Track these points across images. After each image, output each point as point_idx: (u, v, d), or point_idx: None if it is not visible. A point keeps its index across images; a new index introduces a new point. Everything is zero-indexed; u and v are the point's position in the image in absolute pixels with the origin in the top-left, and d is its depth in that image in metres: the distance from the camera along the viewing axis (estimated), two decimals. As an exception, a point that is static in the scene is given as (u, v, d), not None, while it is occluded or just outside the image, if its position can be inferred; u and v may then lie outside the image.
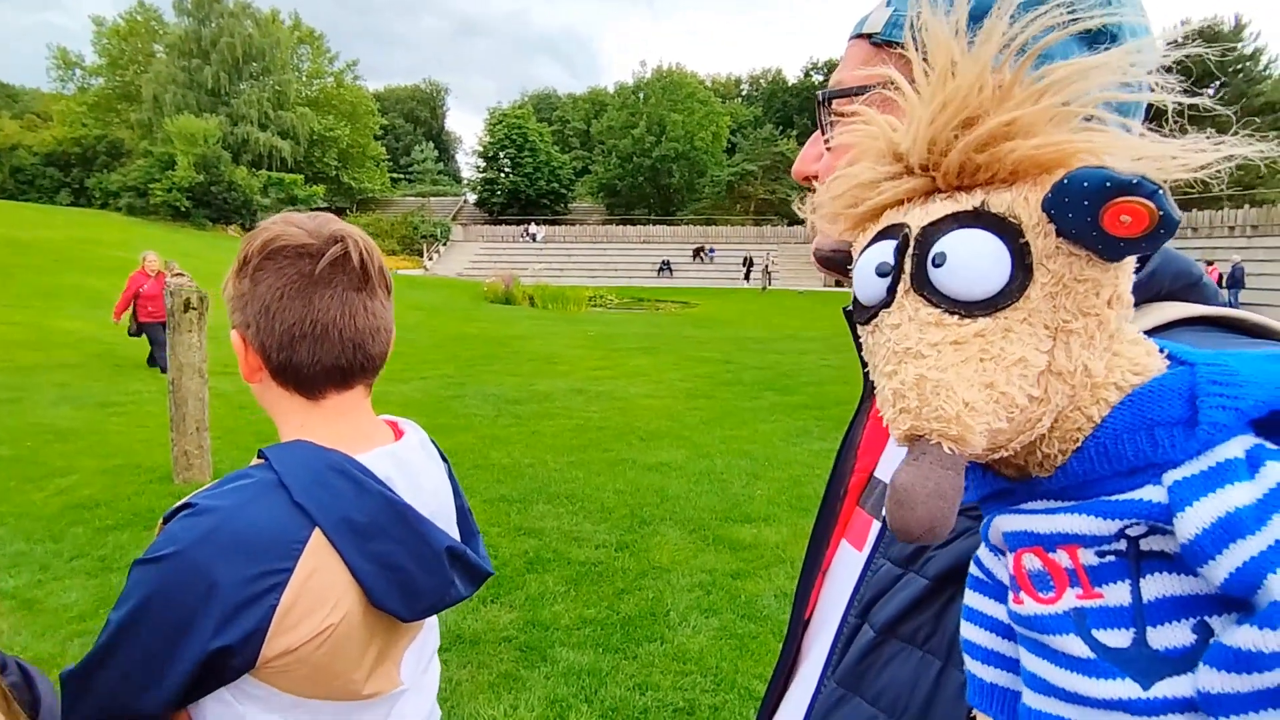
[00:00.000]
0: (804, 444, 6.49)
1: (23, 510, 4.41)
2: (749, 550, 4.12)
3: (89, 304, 14.38)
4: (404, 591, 0.83)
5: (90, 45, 49.69)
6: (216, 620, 0.73)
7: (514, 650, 3.05)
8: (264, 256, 0.84)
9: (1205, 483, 0.32)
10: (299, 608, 0.77)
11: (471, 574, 0.93)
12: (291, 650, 0.77)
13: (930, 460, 0.34)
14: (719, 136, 51.02)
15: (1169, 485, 0.33)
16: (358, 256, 0.86)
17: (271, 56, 48.27)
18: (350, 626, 0.81)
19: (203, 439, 5.12)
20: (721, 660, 3.00)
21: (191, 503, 0.79)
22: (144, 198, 38.73)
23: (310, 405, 0.87)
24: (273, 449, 0.84)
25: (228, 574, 0.74)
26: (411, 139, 70.19)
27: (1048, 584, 0.37)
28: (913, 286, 0.36)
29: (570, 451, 6.11)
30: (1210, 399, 0.33)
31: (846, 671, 0.56)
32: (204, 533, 0.75)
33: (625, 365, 10.90)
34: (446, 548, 0.87)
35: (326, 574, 0.79)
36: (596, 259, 38.43)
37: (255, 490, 0.80)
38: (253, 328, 0.85)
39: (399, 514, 0.83)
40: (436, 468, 0.97)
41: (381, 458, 0.87)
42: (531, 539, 4.20)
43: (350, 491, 0.81)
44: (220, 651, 0.74)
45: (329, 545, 0.79)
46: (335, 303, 0.84)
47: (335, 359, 0.85)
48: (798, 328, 17.00)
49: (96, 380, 8.45)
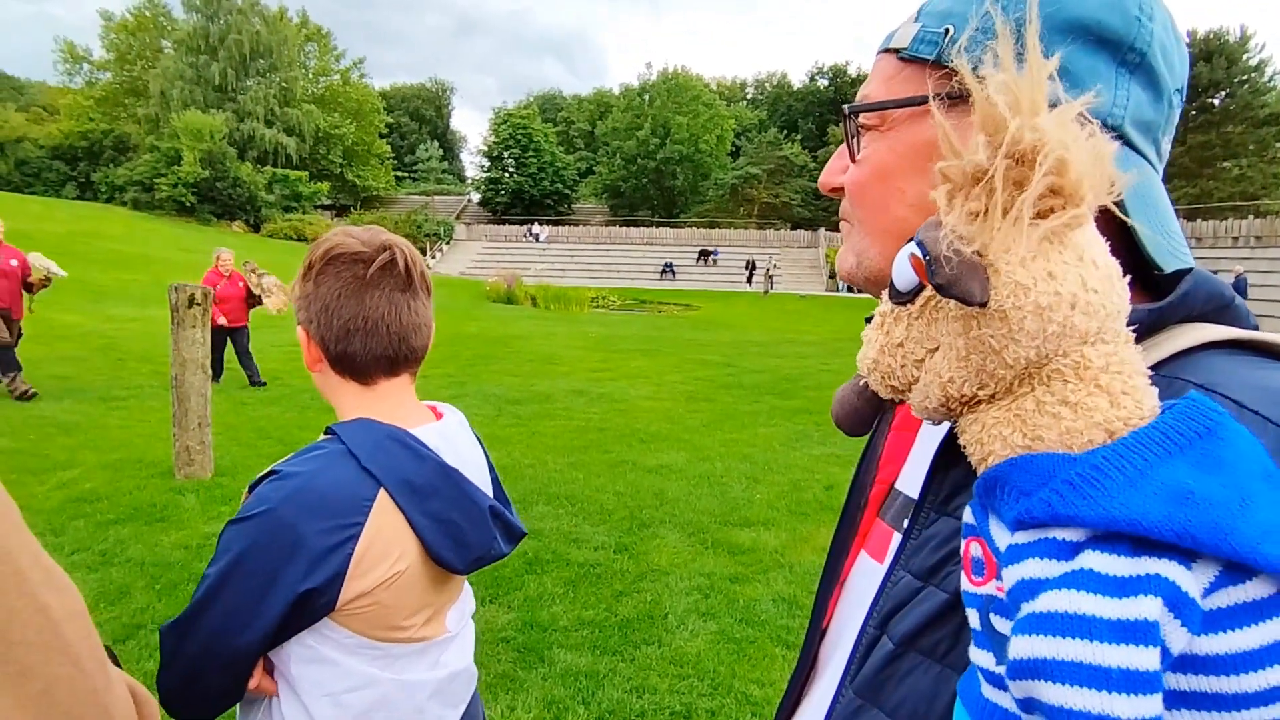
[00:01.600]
0: (804, 448, 6.49)
1: (24, 503, 4.37)
2: (748, 554, 4.12)
3: (92, 298, 14.41)
4: (457, 544, 0.97)
5: (98, 39, 49.60)
6: (304, 566, 0.86)
7: (512, 651, 3.06)
8: (325, 263, 0.98)
9: (1016, 554, 0.39)
10: (370, 555, 0.90)
11: (510, 532, 1.08)
12: (366, 593, 0.90)
13: (853, 380, 0.55)
14: (723, 140, 51.07)
15: (1009, 546, 0.40)
16: (403, 263, 1.00)
17: (279, 53, 48.36)
18: (412, 575, 0.95)
19: (204, 435, 5.12)
20: (719, 664, 3.00)
21: (276, 469, 0.92)
22: (149, 192, 38.76)
23: (364, 390, 1.02)
24: (339, 425, 0.97)
25: (311, 527, 0.87)
26: (416, 137, 70.24)
27: (981, 569, 0.44)
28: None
29: (570, 453, 6.12)
30: (1050, 486, 0.39)
31: (865, 682, 0.56)
32: (289, 493, 0.88)
33: (626, 367, 10.90)
34: (489, 507, 1.02)
35: (391, 528, 0.92)
36: (599, 260, 38.42)
37: (329, 458, 0.93)
38: (315, 323, 0.99)
39: (450, 477, 0.98)
40: (474, 444, 1.14)
41: (430, 431, 1.01)
42: (530, 540, 4.20)
43: (408, 458, 0.95)
44: (308, 594, 0.86)
45: (392, 503, 0.92)
46: (384, 302, 0.98)
47: (384, 350, 0.99)
48: (799, 332, 16.99)
49: (99, 374, 8.47)
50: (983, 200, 0.39)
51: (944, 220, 0.40)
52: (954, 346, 0.43)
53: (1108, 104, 0.50)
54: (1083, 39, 0.49)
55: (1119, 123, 0.50)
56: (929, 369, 0.45)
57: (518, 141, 51.23)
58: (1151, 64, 0.51)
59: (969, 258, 0.39)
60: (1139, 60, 0.50)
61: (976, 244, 0.39)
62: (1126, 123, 0.51)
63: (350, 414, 1.01)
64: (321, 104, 50.48)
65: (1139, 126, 0.51)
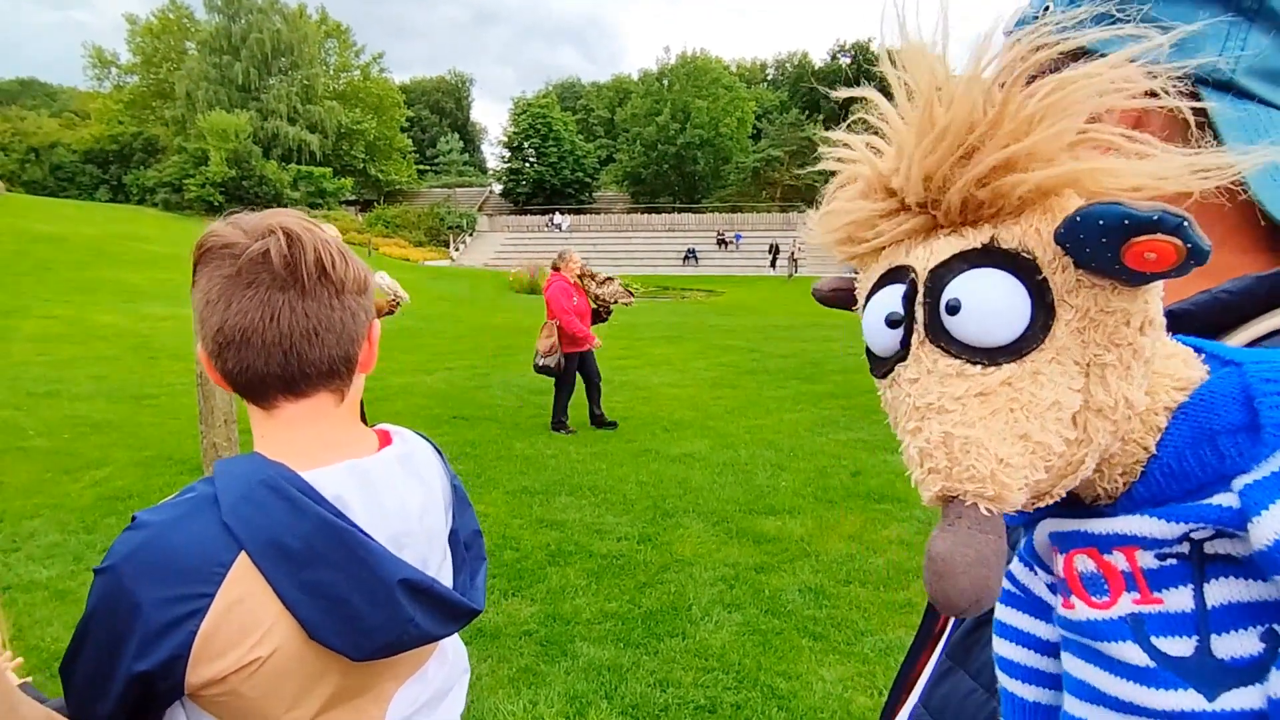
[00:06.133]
0: (830, 434, 6.38)
1: (58, 501, 4.51)
2: (773, 543, 4.06)
3: (127, 297, 14.72)
4: (348, 627, 0.75)
5: (124, 43, 50.66)
6: (139, 642, 0.70)
7: (534, 644, 3.04)
8: (197, 260, 0.79)
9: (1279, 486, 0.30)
10: (222, 636, 0.71)
11: (445, 609, 0.83)
12: (219, 679, 0.72)
13: (968, 524, 0.31)
14: (744, 122, 50.48)
15: (1239, 490, 0.31)
16: (280, 253, 0.76)
17: (299, 51, 48.82)
18: (286, 660, 0.74)
19: (231, 432, 5.17)
20: (744, 657, 2.95)
21: (135, 515, 0.75)
22: (179, 193, 39.56)
23: (265, 415, 0.82)
24: (224, 461, 0.79)
25: (150, 595, 0.70)
26: (437, 130, 70.60)
27: (1101, 587, 0.35)
28: (928, 337, 0.34)
29: (593, 442, 6.09)
30: (1268, 399, 0.31)
31: (955, 646, 0.58)
32: (133, 549, 0.72)
33: (650, 354, 10.84)
34: (401, 579, 0.78)
35: (253, 602, 0.72)
36: (622, 248, 38.34)
37: (190, 506, 0.75)
38: (198, 335, 0.80)
39: (340, 539, 0.75)
40: (418, 486, 0.86)
41: (338, 474, 0.78)
42: (553, 531, 4.18)
43: (283, 511, 0.73)
44: (143, 675, 0.70)
45: (255, 570, 0.72)
46: (254, 304, 0.76)
47: (265, 366, 0.78)
48: (824, 315, 16.76)
49: (132, 372, 8.64)
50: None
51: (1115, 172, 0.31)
52: (1129, 351, 0.33)
53: (1210, 57, 0.48)
54: None
55: (1227, 76, 0.49)
56: (1099, 408, 0.33)
57: (537, 131, 51.18)
58: (1274, 7, 0.48)
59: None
60: (1256, 7, 0.48)
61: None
62: (1240, 74, 0.49)
63: (258, 446, 0.82)
64: (343, 100, 50.91)
65: (1264, 76, 0.49)
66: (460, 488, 0.96)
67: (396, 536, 0.81)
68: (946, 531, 0.31)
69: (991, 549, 0.31)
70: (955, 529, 0.31)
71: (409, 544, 0.82)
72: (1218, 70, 0.48)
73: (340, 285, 0.81)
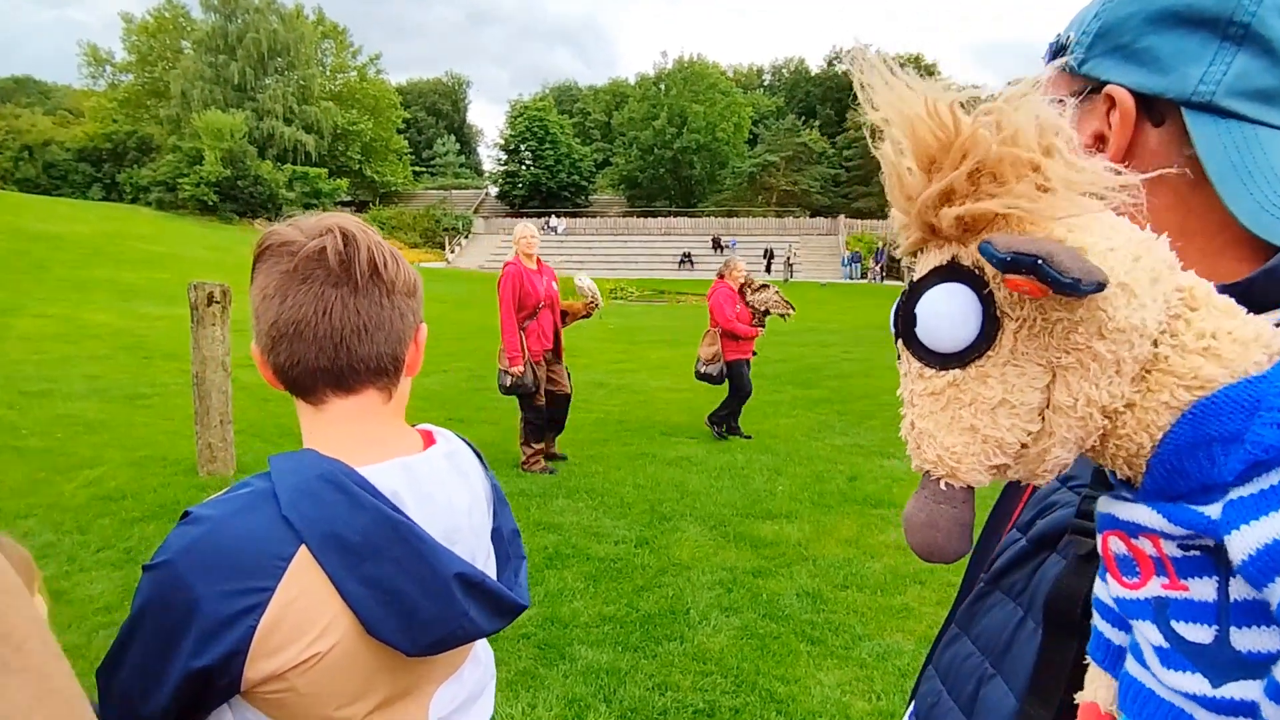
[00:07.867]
0: (826, 439, 6.40)
1: (52, 501, 4.48)
2: (770, 547, 4.06)
3: (121, 297, 14.65)
4: (405, 621, 0.75)
5: (120, 41, 50.32)
6: (196, 639, 0.69)
7: (532, 647, 3.03)
8: (256, 257, 0.82)
9: (1256, 505, 0.32)
10: (281, 631, 0.71)
11: (496, 605, 0.84)
12: (276, 675, 0.72)
13: (927, 494, 0.39)
14: (740, 127, 50.60)
15: (1225, 503, 0.33)
16: (335, 251, 0.79)
17: (296, 51, 48.69)
18: (344, 655, 0.74)
19: (226, 432, 5.16)
20: (743, 661, 2.96)
21: (189, 510, 0.75)
22: (173, 192, 39.31)
23: (314, 411, 0.83)
24: (278, 456, 0.79)
25: (208, 589, 0.69)
26: (434, 132, 70.47)
27: (1132, 569, 0.39)
28: (904, 341, 0.40)
29: (590, 445, 6.09)
30: (1269, 414, 0.33)
31: (962, 614, 0.65)
32: (190, 543, 0.72)
33: (646, 358, 10.85)
34: (456, 574, 0.79)
35: (313, 596, 0.72)
36: (617, 251, 38.32)
37: (247, 500, 0.75)
38: (254, 331, 0.82)
39: (398, 533, 0.75)
40: (464, 484, 0.88)
41: (392, 469, 0.80)
42: (550, 534, 4.18)
43: (342, 505, 0.74)
44: (201, 672, 0.70)
45: (315, 564, 0.72)
46: (309, 299, 0.78)
47: (316, 359, 0.79)
48: (820, 320, 16.81)
49: (125, 372, 8.60)
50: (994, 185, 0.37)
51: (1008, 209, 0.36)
52: (1088, 354, 0.36)
53: (1191, 81, 0.52)
54: (1172, 24, 0.52)
55: (1207, 98, 0.52)
56: (1058, 406, 0.37)
57: (534, 134, 51.16)
58: (1260, 33, 0.51)
59: (1062, 245, 0.35)
60: (1243, 32, 0.51)
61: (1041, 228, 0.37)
62: (1221, 95, 0.52)
63: (306, 441, 0.83)
64: (339, 101, 50.76)
65: (1249, 96, 0.52)
66: (499, 487, 0.98)
67: (448, 533, 0.82)
68: (914, 497, 0.40)
69: (945, 516, 0.38)
70: (918, 496, 0.39)
71: (459, 540, 0.83)
72: (1198, 93, 0.52)
73: (391, 285, 0.82)
